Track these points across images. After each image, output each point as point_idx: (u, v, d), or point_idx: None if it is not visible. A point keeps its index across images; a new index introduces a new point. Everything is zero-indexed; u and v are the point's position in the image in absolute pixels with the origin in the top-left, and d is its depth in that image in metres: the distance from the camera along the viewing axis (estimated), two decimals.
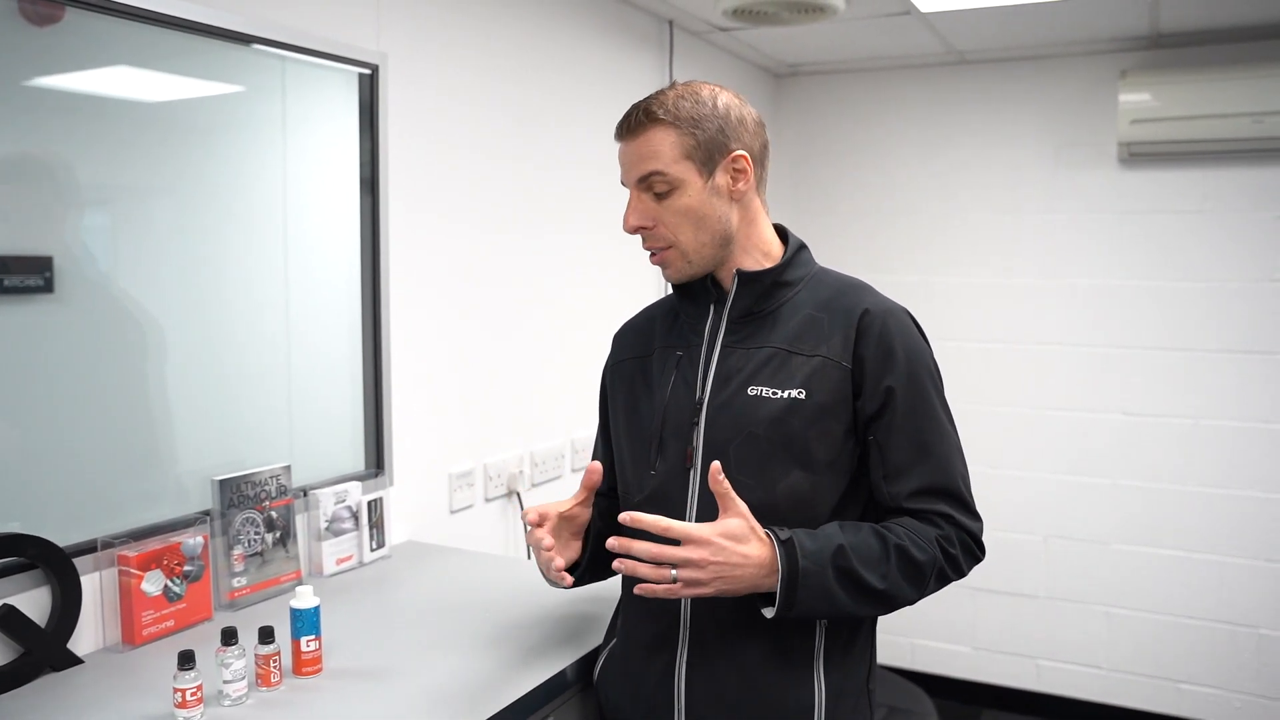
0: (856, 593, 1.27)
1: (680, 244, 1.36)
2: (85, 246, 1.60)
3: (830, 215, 3.89)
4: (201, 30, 1.70)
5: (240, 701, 1.36)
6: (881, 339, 1.34)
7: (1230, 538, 3.37)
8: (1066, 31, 3.22)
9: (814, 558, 1.24)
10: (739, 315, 1.39)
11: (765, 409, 1.33)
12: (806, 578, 1.23)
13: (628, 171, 1.37)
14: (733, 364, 1.37)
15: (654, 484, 1.39)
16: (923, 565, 1.30)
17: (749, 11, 2.82)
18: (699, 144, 1.33)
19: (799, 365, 1.34)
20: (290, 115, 1.93)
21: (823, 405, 1.32)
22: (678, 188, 1.33)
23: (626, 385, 1.49)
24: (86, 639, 1.54)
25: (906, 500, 1.33)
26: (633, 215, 1.37)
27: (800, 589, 1.23)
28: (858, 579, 1.26)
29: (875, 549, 1.28)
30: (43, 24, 1.54)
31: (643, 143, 1.34)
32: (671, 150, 1.33)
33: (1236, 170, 3.27)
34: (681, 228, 1.35)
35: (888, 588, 1.28)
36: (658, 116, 1.33)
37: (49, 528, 1.50)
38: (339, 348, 2.06)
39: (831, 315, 1.37)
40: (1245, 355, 3.31)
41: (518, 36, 2.48)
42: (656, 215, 1.35)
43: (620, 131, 1.38)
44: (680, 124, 1.33)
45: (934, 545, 1.31)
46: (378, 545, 2.02)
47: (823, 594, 1.25)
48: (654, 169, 1.33)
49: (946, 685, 3.78)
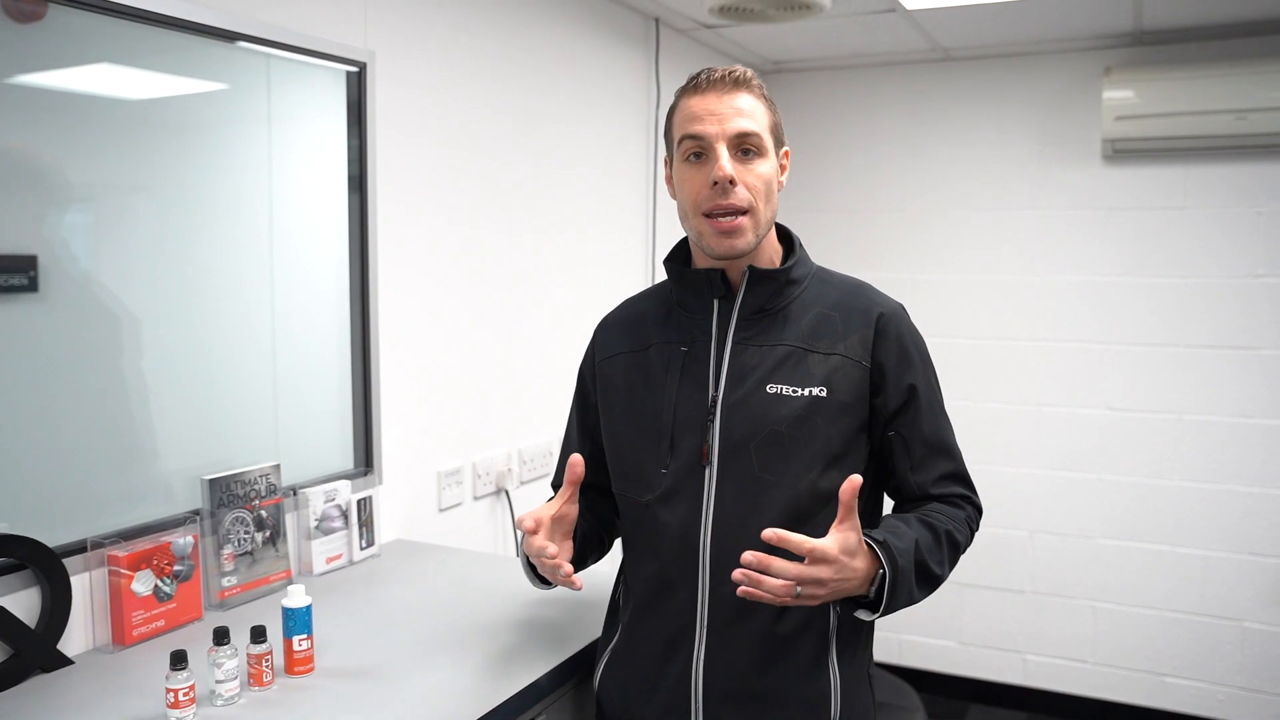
0: (926, 582, 1.33)
1: (755, 211, 1.35)
2: (70, 245, 1.59)
3: (816, 211, 3.90)
4: (186, 28, 1.69)
5: (233, 701, 1.36)
6: (899, 340, 1.40)
7: (1214, 532, 3.40)
8: (1051, 29, 3.24)
9: (904, 556, 1.28)
10: (750, 312, 1.40)
11: (787, 407, 1.34)
12: (903, 576, 1.28)
13: (721, 123, 1.33)
14: (747, 361, 1.37)
15: (667, 482, 1.38)
16: (960, 545, 1.40)
17: (735, 9, 2.82)
18: (777, 124, 1.40)
19: (817, 363, 1.36)
20: (275, 112, 1.92)
21: (842, 403, 1.35)
22: (764, 155, 1.36)
23: (621, 381, 1.47)
24: (76, 639, 1.53)
25: (933, 487, 1.41)
26: (728, 168, 1.32)
27: (898, 589, 1.27)
28: (927, 570, 1.32)
29: (931, 539, 1.34)
30: (25, 21, 1.52)
31: (742, 100, 1.35)
32: (764, 119, 1.37)
33: (1219, 166, 3.30)
34: (758, 195, 1.35)
35: (942, 573, 1.35)
36: (753, 84, 1.37)
37: (38, 528, 1.49)
38: (327, 346, 2.05)
39: (845, 315, 1.39)
40: (1229, 350, 3.34)
41: (505, 34, 2.48)
42: (741, 175, 1.34)
43: (707, 84, 1.35)
44: (768, 101, 1.39)
45: (965, 526, 1.42)
46: (367, 544, 2.02)
47: (908, 590, 1.29)
48: (754, 128, 1.34)
49: (934, 680, 3.80)
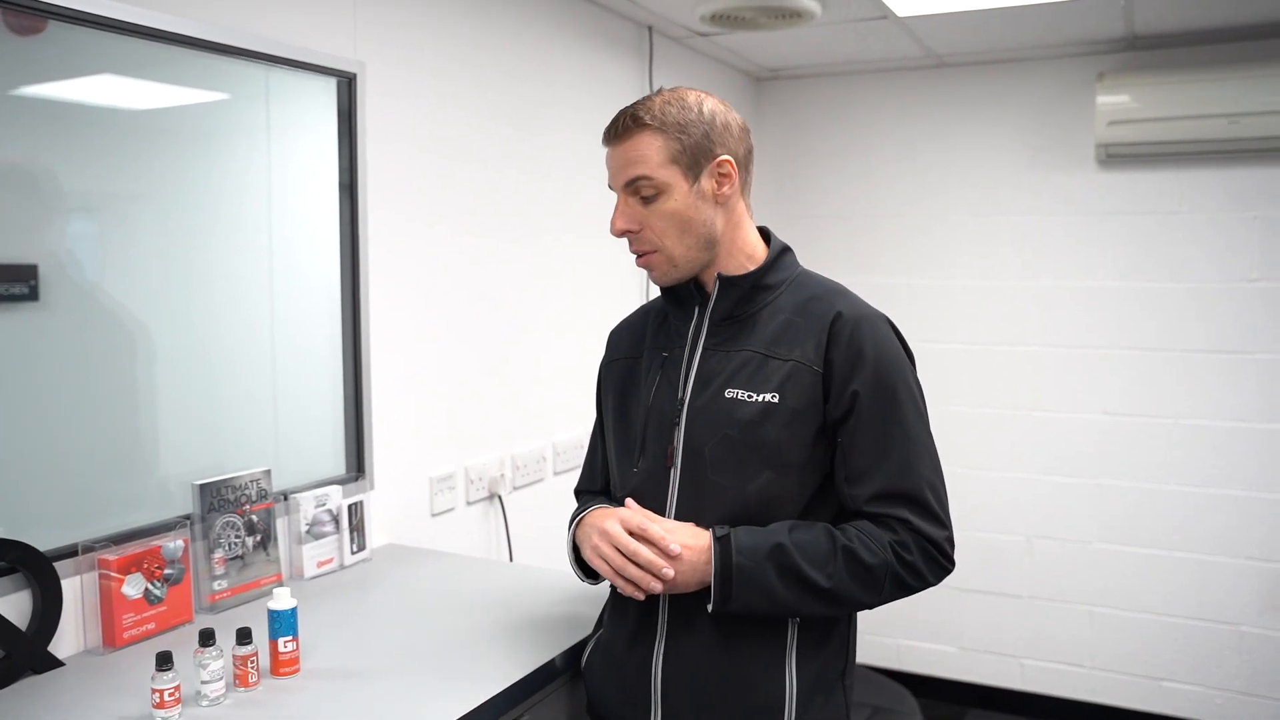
0: (801, 590, 1.29)
1: (666, 248, 1.38)
2: (70, 254, 1.62)
3: (812, 218, 3.92)
4: (180, 42, 1.72)
5: (218, 702, 1.38)
6: (851, 343, 1.35)
7: (1211, 536, 3.40)
8: (1043, 34, 3.25)
9: (749, 554, 1.29)
10: (720, 318, 1.42)
11: (741, 411, 1.36)
12: (740, 572, 1.28)
13: (615, 175, 1.40)
14: (713, 366, 1.40)
15: (635, 482, 1.44)
16: (873, 568, 1.31)
17: (727, 17, 2.85)
18: (685, 149, 1.35)
19: (774, 369, 1.36)
20: (274, 122, 1.95)
21: (796, 409, 1.35)
22: (664, 192, 1.36)
23: (618, 384, 1.53)
24: (67, 642, 1.55)
25: (866, 504, 1.35)
26: (620, 219, 1.39)
27: (736, 583, 1.28)
28: (801, 576, 1.29)
29: (823, 548, 1.31)
30: (26, 34, 1.55)
31: (630, 147, 1.36)
32: (658, 155, 1.35)
33: (1213, 171, 3.31)
34: (667, 232, 1.37)
35: (833, 587, 1.30)
36: (644, 121, 1.35)
37: (31, 532, 1.51)
38: (320, 352, 2.07)
39: (806, 319, 1.39)
40: (1224, 355, 3.34)
41: (496, 43, 2.50)
42: (643, 219, 1.38)
43: (608, 136, 1.40)
44: (667, 129, 1.35)
45: (887, 550, 1.32)
46: (358, 548, 2.04)
47: (761, 590, 1.28)
48: (641, 173, 1.36)
49: (932, 685, 3.80)
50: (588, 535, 1.42)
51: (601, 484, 1.60)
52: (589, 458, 1.67)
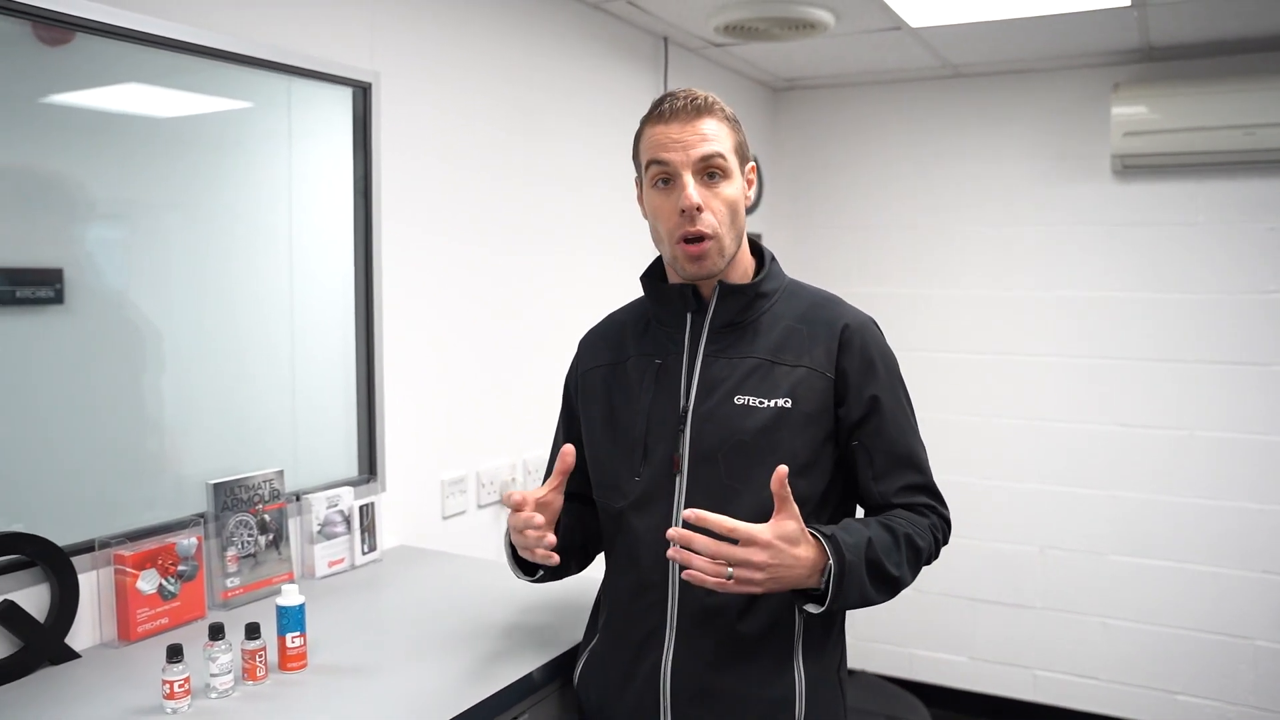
0: (880, 582, 1.34)
1: (721, 235, 1.39)
2: (95, 259, 1.67)
3: (828, 228, 3.94)
4: (203, 53, 1.77)
5: (226, 694, 1.42)
6: (863, 352, 1.43)
7: (1226, 549, 3.38)
8: (1059, 45, 3.26)
9: (853, 551, 1.31)
10: (720, 325, 1.44)
11: (753, 418, 1.39)
12: (852, 571, 1.30)
13: (687, 150, 1.37)
14: (716, 373, 1.42)
15: (640, 489, 1.44)
16: (922, 551, 1.40)
17: (741, 28, 2.88)
18: (741, 143, 1.43)
19: (783, 375, 1.40)
20: (296, 130, 2.00)
21: (809, 413, 1.39)
22: (729, 177, 1.39)
23: (601, 392, 1.53)
24: (84, 634, 1.60)
25: (895, 496, 1.43)
26: (695, 194, 1.36)
27: (846, 583, 1.30)
28: (882, 569, 1.34)
29: (889, 539, 1.37)
30: (54, 45, 1.61)
31: (706, 126, 1.38)
32: (727, 140, 1.40)
33: (1229, 182, 3.30)
34: (723, 217, 1.39)
35: (900, 575, 1.37)
36: (715, 107, 1.39)
37: (50, 528, 1.56)
38: (335, 356, 2.12)
39: (812, 327, 1.43)
40: (1240, 367, 3.33)
41: (510, 54, 2.54)
42: (706, 200, 1.38)
43: (671, 113, 1.38)
44: (731, 120, 1.42)
45: (928, 533, 1.43)
46: (369, 549, 2.08)
47: (859, 586, 1.31)
48: (719, 151, 1.38)
49: (943, 695, 3.80)
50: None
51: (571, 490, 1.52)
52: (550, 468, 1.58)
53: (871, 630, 3.87)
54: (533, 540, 1.36)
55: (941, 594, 3.72)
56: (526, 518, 1.35)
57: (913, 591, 3.71)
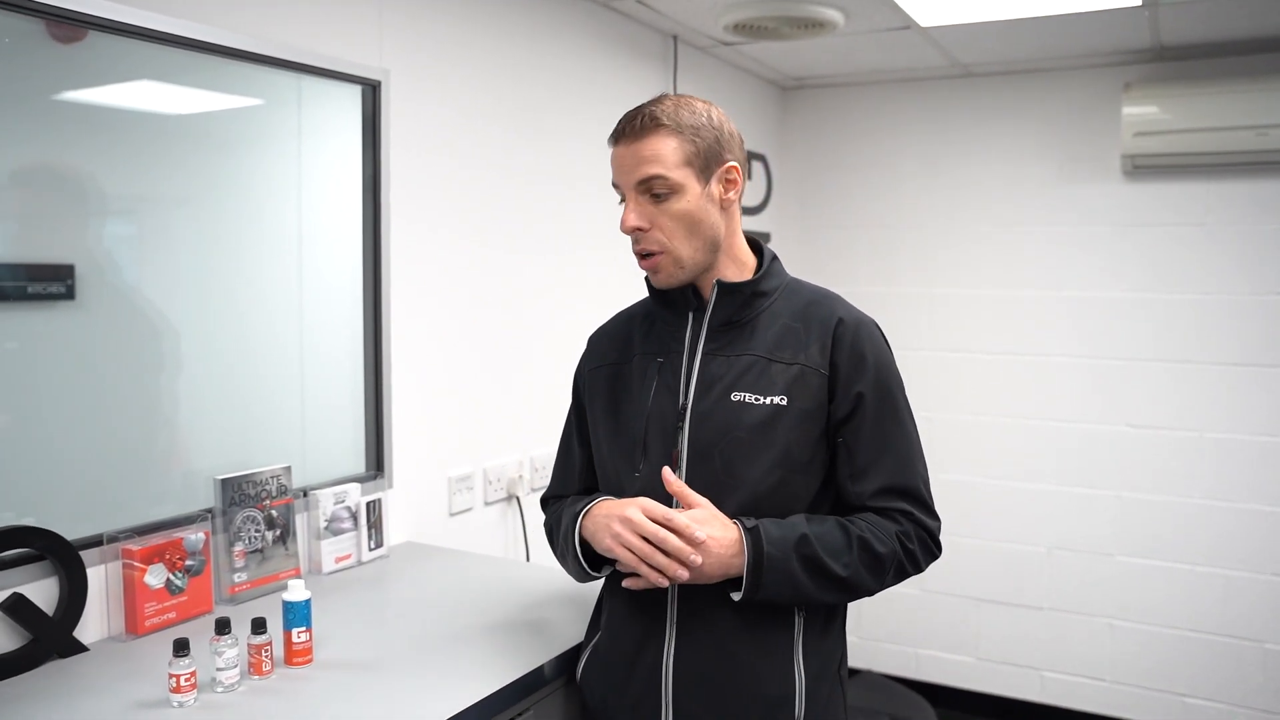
0: (820, 579, 1.34)
1: (673, 249, 1.40)
2: (107, 255, 1.68)
3: (838, 228, 3.93)
4: (214, 50, 1.78)
5: (232, 689, 1.42)
6: (854, 347, 1.42)
7: (1234, 551, 3.36)
8: (1069, 45, 3.25)
9: (778, 544, 1.32)
10: (719, 324, 1.45)
11: (749, 414, 1.39)
12: (771, 562, 1.31)
13: (628, 174, 1.40)
14: (714, 371, 1.43)
15: (639, 485, 1.45)
16: (883, 557, 1.38)
17: (750, 26, 2.88)
18: (698, 151, 1.39)
19: (779, 372, 1.40)
20: (306, 127, 2.01)
21: (803, 410, 1.39)
22: (677, 192, 1.39)
23: (606, 390, 1.55)
24: (92, 628, 1.61)
25: (870, 499, 1.41)
26: (632, 215, 1.40)
27: (765, 573, 1.31)
28: (821, 566, 1.34)
29: (839, 539, 1.36)
30: (67, 42, 1.62)
31: (645, 145, 1.38)
32: (673, 155, 1.38)
33: (1240, 183, 3.29)
34: (676, 232, 1.40)
35: (849, 576, 1.35)
36: (661, 122, 1.38)
37: (59, 522, 1.57)
38: (343, 353, 2.13)
39: (807, 324, 1.44)
40: (1250, 368, 3.31)
41: (520, 53, 2.55)
42: (653, 218, 1.40)
43: (619, 135, 1.42)
44: (682, 131, 1.38)
45: (893, 539, 1.39)
46: (376, 545, 2.09)
47: (787, 579, 1.32)
48: (657, 172, 1.38)
49: (950, 695, 3.79)
50: (604, 525, 1.37)
51: (579, 489, 1.59)
52: (561, 464, 1.64)
53: (877, 630, 3.86)
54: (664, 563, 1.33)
55: (948, 594, 3.72)
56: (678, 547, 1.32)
57: (919, 591, 3.78)
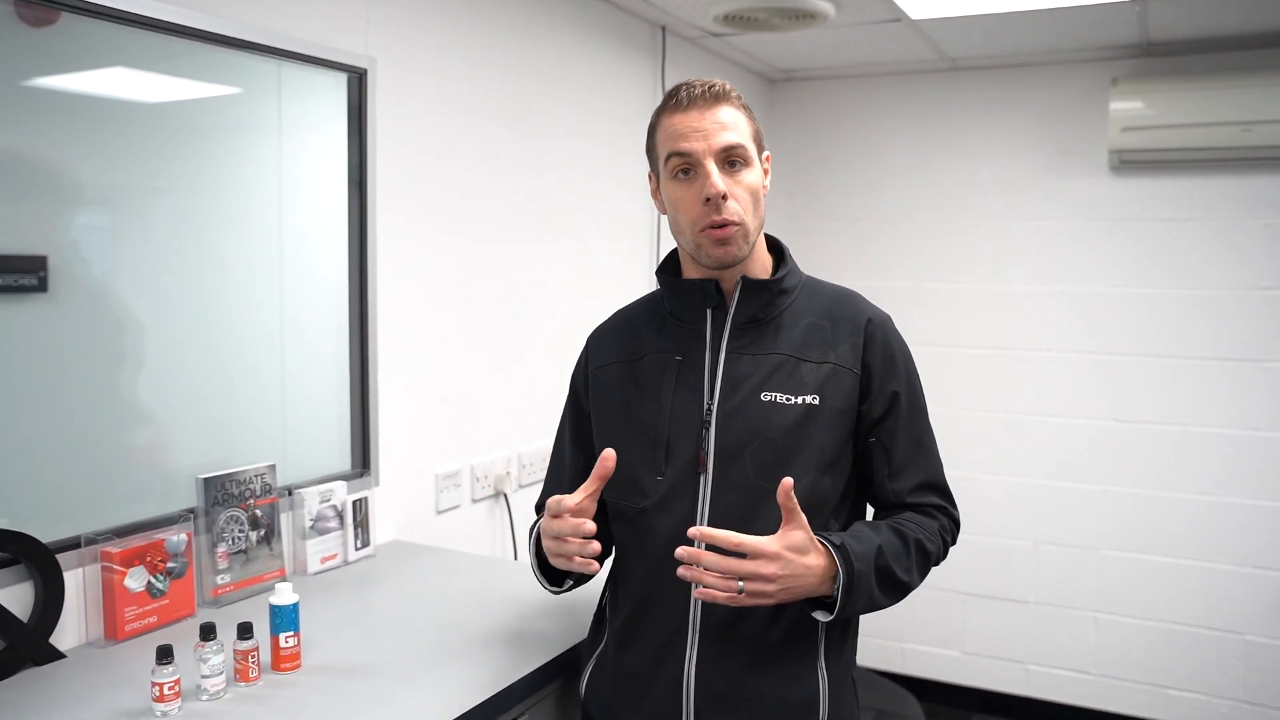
0: (890, 588, 1.34)
1: (746, 221, 1.37)
2: (80, 246, 1.62)
3: (826, 221, 3.91)
4: (192, 35, 1.72)
5: (218, 696, 1.38)
6: (885, 347, 1.42)
7: (1219, 544, 3.38)
8: (1057, 39, 3.23)
9: (863, 560, 1.30)
10: (743, 321, 1.41)
11: (781, 415, 1.36)
12: (861, 580, 1.29)
13: (707, 139, 1.34)
14: (741, 370, 1.39)
15: (663, 489, 1.40)
16: (931, 555, 1.40)
17: (740, 17, 2.84)
18: (757, 132, 1.41)
19: (809, 372, 1.38)
20: (286, 117, 1.95)
21: (835, 410, 1.38)
22: (750, 165, 1.37)
23: (615, 390, 1.48)
24: (69, 634, 1.56)
25: (908, 495, 1.43)
26: (719, 182, 1.33)
27: (855, 591, 1.29)
28: (891, 576, 1.33)
29: (899, 545, 1.36)
30: (38, 25, 1.56)
31: (725, 114, 1.36)
32: (746, 128, 1.38)
33: (1226, 178, 3.29)
34: (747, 204, 1.37)
35: (909, 580, 1.36)
36: (730, 94, 1.38)
37: (34, 524, 1.52)
38: (328, 348, 2.08)
39: (835, 323, 1.42)
40: (1234, 363, 3.32)
41: (508, 42, 2.50)
42: (730, 188, 1.35)
43: (689, 102, 1.36)
44: (748, 110, 1.40)
45: (937, 536, 1.42)
46: (362, 544, 2.04)
47: (868, 593, 1.31)
48: (738, 140, 1.36)
49: (936, 689, 3.79)
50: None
51: None
52: (553, 470, 1.59)
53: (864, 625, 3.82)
54: (575, 548, 1.30)
55: (934, 588, 3.70)
56: (575, 524, 1.29)
57: None
